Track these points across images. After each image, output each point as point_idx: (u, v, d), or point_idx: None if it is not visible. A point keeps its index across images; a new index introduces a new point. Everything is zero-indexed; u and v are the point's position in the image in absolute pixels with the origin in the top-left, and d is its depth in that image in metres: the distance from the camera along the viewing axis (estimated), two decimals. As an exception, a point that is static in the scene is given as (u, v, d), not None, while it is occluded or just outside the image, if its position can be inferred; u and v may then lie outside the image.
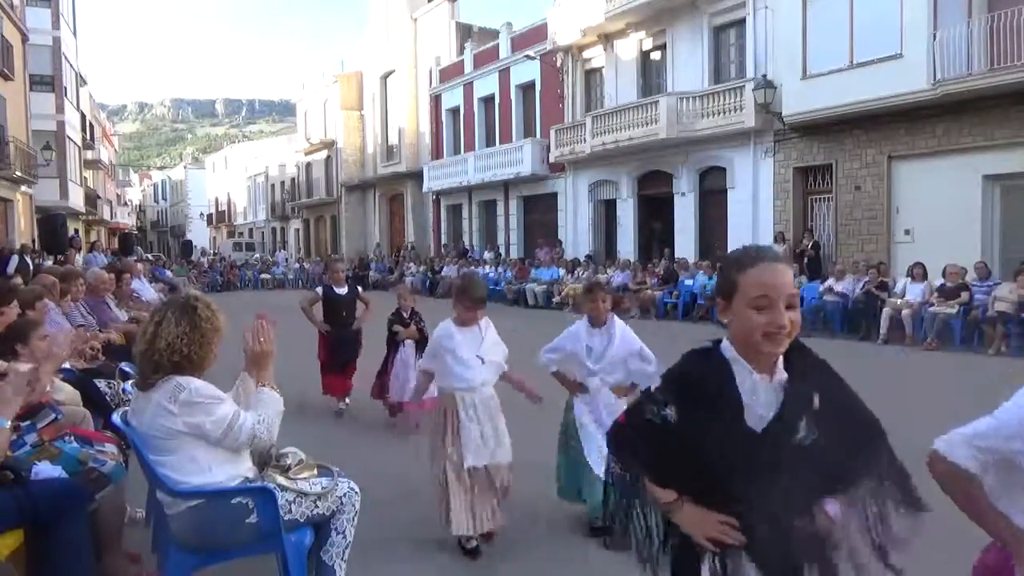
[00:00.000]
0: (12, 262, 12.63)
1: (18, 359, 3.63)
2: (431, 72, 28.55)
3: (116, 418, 3.01)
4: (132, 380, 3.47)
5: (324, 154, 37.08)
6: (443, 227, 29.10)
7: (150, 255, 35.85)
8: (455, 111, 27.87)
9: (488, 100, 25.95)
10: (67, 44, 27.65)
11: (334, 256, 27.44)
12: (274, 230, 47.58)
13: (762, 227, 16.47)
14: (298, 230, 43.13)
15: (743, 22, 16.81)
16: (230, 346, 2.85)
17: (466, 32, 27.76)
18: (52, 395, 3.48)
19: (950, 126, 13.03)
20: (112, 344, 5.67)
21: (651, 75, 19.89)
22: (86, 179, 34.07)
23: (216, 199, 58.02)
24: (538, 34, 22.84)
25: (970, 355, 10.25)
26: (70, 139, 27.92)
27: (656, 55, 19.68)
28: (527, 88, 24.05)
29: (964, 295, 11.09)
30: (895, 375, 8.94)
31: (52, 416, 3.11)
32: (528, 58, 22.71)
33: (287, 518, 2.68)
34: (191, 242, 45.01)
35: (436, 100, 28.67)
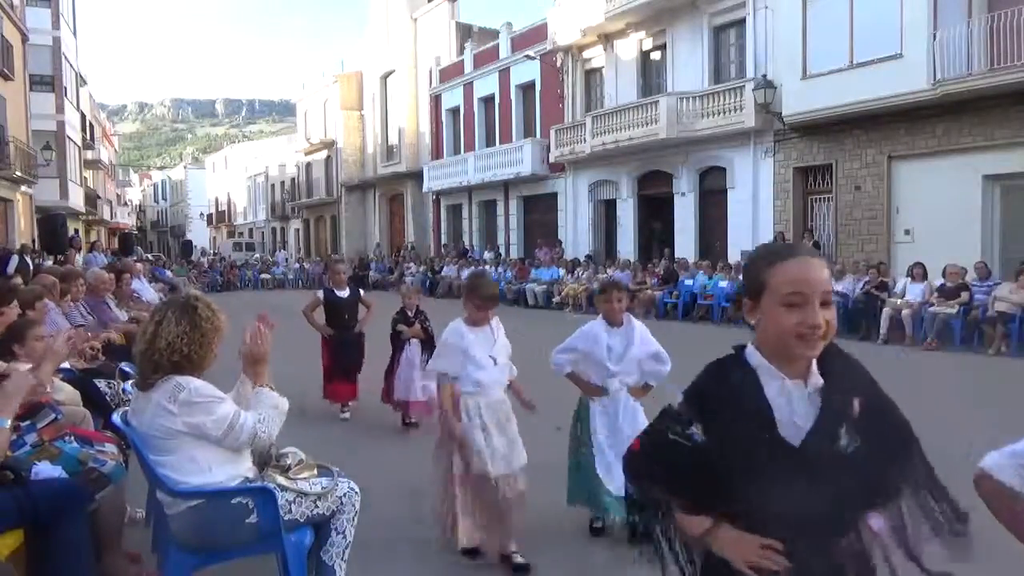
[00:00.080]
0: (12, 262, 12.61)
1: (16, 359, 3.63)
2: (431, 72, 28.55)
3: (116, 418, 3.01)
4: (132, 380, 3.47)
5: (324, 154, 37.09)
6: (443, 227, 29.10)
7: (150, 255, 35.83)
8: (455, 111, 27.87)
9: (488, 100, 25.95)
10: (67, 44, 27.65)
11: (335, 257, 27.44)
12: (274, 230, 47.58)
13: (762, 227, 16.47)
14: (298, 230, 43.14)
15: (743, 22, 16.82)
16: (230, 346, 2.85)
17: (466, 32, 27.76)
18: (52, 395, 3.48)
19: (950, 126, 13.03)
20: (112, 344, 5.67)
21: (651, 75, 19.89)
22: (86, 179, 34.08)
23: (216, 199, 58.03)
24: (538, 34, 22.84)
25: (970, 355, 10.25)
26: (70, 139, 27.92)
27: (656, 55, 19.69)
28: (527, 88, 24.05)
29: (964, 295, 11.09)
30: (895, 375, 8.90)
31: (52, 416, 3.11)
32: (528, 58, 22.70)
33: (287, 518, 2.68)
34: (191, 242, 44.95)
35: (436, 100, 28.67)
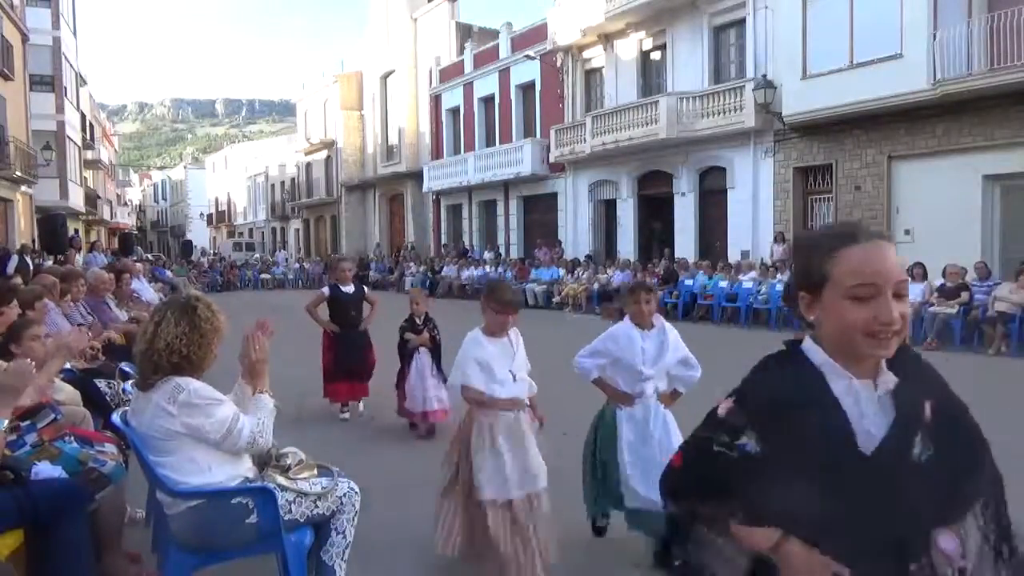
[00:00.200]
0: (12, 262, 12.63)
1: (14, 360, 3.63)
2: (431, 72, 28.55)
3: (116, 418, 3.01)
4: (132, 380, 3.47)
5: (324, 154, 37.09)
6: (443, 227, 29.10)
7: (150, 255, 35.84)
8: (455, 111, 27.87)
9: (488, 100, 25.94)
10: (67, 44, 27.65)
11: (339, 256, 27.42)
12: (274, 230, 47.58)
13: (762, 227, 16.48)
14: (298, 230, 43.13)
15: (743, 22, 16.82)
16: (230, 347, 2.84)
17: (466, 32, 27.76)
18: (52, 395, 3.48)
19: (950, 126, 13.03)
20: (112, 344, 5.67)
21: (651, 75, 19.89)
22: (86, 179, 34.07)
23: (216, 199, 58.02)
24: (538, 34, 22.84)
25: (970, 355, 10.23)
26: (70, 139, 27.92)
27: (656, 55, 19.68)
28: (527, 88, 24.05)
29: (964, 295, 11.10)
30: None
31: (52, 416, 3.11)
32: (528, 58, 22.70)
33: (287, 518, 2.68)
34: (191, 242, 44.96)
35: (436, 100, 28.66)
